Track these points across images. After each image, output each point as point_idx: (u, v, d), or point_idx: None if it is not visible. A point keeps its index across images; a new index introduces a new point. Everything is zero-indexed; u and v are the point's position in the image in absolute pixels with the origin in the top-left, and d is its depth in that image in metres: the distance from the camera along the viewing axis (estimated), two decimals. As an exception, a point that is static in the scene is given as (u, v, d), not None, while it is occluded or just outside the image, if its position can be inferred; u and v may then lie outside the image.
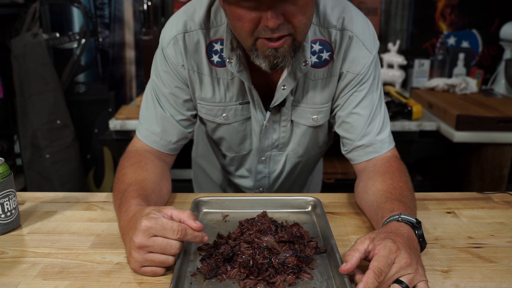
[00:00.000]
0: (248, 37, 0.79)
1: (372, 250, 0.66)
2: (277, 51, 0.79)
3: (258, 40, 0.79)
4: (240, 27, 0.78)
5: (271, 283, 0.69)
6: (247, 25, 0.77)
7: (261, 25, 0.76)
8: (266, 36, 0.77)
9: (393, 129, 1.57)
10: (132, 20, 2.71)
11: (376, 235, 0.68)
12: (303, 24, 0.78)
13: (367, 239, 0.68)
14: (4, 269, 0.74)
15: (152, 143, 0.99)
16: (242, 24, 0.77)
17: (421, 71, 2.40)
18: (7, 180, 0.84)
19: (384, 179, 0.89)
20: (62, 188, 2.37)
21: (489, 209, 0.97)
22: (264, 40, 0.78)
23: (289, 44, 0.79)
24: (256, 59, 0.81)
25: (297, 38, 0.80)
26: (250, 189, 1.20)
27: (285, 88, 0.93)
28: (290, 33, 0.78)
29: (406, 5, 2.66)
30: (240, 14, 0.76)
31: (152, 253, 0.70)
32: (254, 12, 0.75)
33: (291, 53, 0.80)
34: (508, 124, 1.77)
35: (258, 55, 0.80)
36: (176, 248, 0.71)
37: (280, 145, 1.07)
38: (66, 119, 2.36)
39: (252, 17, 0.76)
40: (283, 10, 0.75)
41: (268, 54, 0.79)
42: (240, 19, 0.77)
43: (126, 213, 0.78)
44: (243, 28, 0.78)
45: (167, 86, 0.97)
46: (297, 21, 0.77)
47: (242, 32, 0.79)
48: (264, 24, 0.76)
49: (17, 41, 2.26)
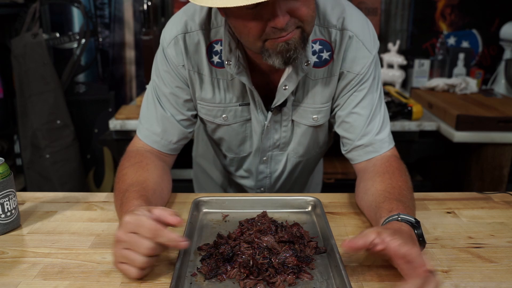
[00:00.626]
0: (256, 41, 0.79)
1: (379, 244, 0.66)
2: (288, 44, 0.79)
3: (267, 41, 0.79)
4: (246, 33, 0.79)
5: (271, 283, 0.69)
6: (254, 31, 0.77)
7: (268, 27, 0.77)
8: (275, 36, 0.78)
9: (393, 129, 1.57)
10: (132, 20, 2.71)
11: (383, 230, 0.68)
12: (309, 16, 0.79)
13: (374, 233, 0.67)
14: (4, 269, 0.74)
15: (152, 143, 1.00)
16: (248, 30, 0.78)
17: (421, 71, 2.40)
18: (7, 180, 0.84)
19: (383, 179, 0.89)
20: (62, 188, 2.37)
21: (489, 209, 0.97)
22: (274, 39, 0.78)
23: (299, 35, 0.79)
24: (269, 58, 0.81)
25: (305, 29, 0.80)
26: (252, 189, 1.20)
27: (286, 88, 0.93)
28: (298, 26, 0.79)
29: (406, 5, 2.66)
30: (245, 23, 0.77)
31: (126, 250, 0.69)
32: (258, 17, 0.76)
33: (301, 44, 0.80)
34: (508, 124, 1.77)
35: (270, 54, 0.81)
36: (145, 247, 0.67)
37: (281, 145, 1.07)
38: (66, 119, 2.36)
39: (257, 23, 0.76)
40: (287, 8, 0.75)
41: (281, 49, 0.79)
42: (245, 26, 0.78)
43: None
44: (250, 33, 0.78)
45: (167, 86, 0.97)
46: (303, 13, 0.77)
47: (249, 38, 0.80)
48: (272, 26, 0.76)
49: (17, 41, 2.26)
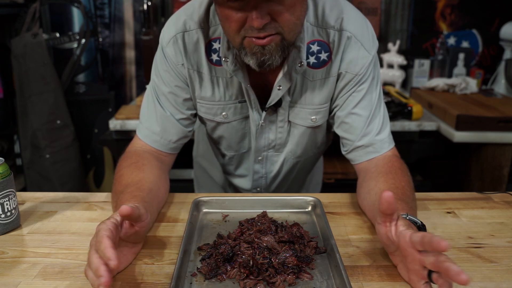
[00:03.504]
0: (235, 36, 0.80)
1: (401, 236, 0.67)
2: (264, 49, 0.79)
3: (246, 39, 0.80)
4: (227, 26, 0.80)
5: (271, 283, 0.69)
6: (233, 25, 0.78)
7: (247, 24, 0.77)
8: (252, 35, 0.78)
9: (393, 129, 1.57)
10: (132, 20, 2.71)
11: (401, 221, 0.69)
12: (291, 23, 0.78)
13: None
14: (4, 269, 0.74)
15: (152, 143, 1.00)
16: (229, 23, 0.79)
17: (421, 71, 2.40)
18: (7, 180, 0.84)
19: (387, 178, 0.89)
20: (62, 188, 2.37)
21: (489, 209, 0.97)
22: (252, 38, 0.79)
23: (277, 42, 0.79)
24: (245, 57, 0.82)
25: (286, 37, 0.80)
26: (248, 190, 1.20)
27: (280, 89, 0.94)
28: (279, 32, 0.79)
29: (406, 5, 2.66)
30: (227, 14, 0.78)
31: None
32: (240, 12, 0.76)
33: (278, 51, 0.80)
34: (508, 124, 1.77)
35: (246, 53, 0.81)
36: (91, 256, 0.64)
37: (277, 146, 1.07)
38: (66, 119, 2.36)
39: (238, 17, 0.77)
40: (269, 10, 0.75)
41: (255, 51, 0.80)
42: (227, 19, 0.79)
43: None
44: (230, 27, 0.80)
45: (167, 85, 0.98)
46: (284, 20, 0.77)
47: (230, 32, 0.81)
48: (250, 24, 0.76)
49: (17, 41, 2.26)
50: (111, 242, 0.63)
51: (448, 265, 0.58)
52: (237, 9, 0.76)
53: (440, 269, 0.60)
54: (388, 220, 0.70)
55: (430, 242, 0.60)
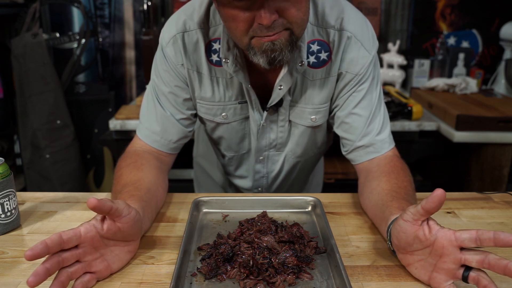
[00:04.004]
0: (243, 37, 0.79)
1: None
2: (274, 44, 0.78)
3: (253, 39, 0.79)
4: (234, 27, 0.79)
5: (271, 283, 0.69)
6: (241, 25, 0.77)
7: (255, 24, 0.77)
8: (261, 34, 0.77)
9: (393, 129, 1.57)
10: (132, 20, 2.71)
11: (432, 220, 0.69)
12: (299, 18, 0.78)
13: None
14: (4, 269, 0.74)
15: (152, 143, 1.00)
16: (236, 24, 0.78)
17: (421, 71, 2.40)
18: (7, 180, 0.84)
19: (389, 178, 0.89)
20: (62, 188, 2.37)
21: (489, 209, 0.97)
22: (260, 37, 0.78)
23: (287, 37, 0.79)
24: (254, 57, 0.81)
25: (294, 32, 0.79)
26: (249, 190, 1.20)
27: (281, 88, 0.93)
28: (287, 28, 0.78)
29: (406, 5, 2.66)
30: (234, 15, 0.77)
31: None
32: (247, 11, 0.75)
33: (288, 46, 0.80)
34: (508, 124, 1.77)
35: (255, 52, 0.80)
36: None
37: (278, 145, 1.07)
38: (66, 119, 2.36)
39: (245, 17, 0.76)
40: (276, 7, 0.75)
41: (266, 48, 0.79)
42: (234, 20, 0.77)
43: None
44: (237, 28, 0.78)
45: (167, 85, 0.98)
46: (292, 16, 0.77)
47: (236, 33, 0.80)
48: (259, 23, 0.76)
49: (17, 41, 2.26)
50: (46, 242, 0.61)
51: (508, 262, 0.59)
52: (244, 8, 0.75)
53: (496, 266, 0.61)
54: (423, 219, 0.67)
55: (497, 239, 0.60)
